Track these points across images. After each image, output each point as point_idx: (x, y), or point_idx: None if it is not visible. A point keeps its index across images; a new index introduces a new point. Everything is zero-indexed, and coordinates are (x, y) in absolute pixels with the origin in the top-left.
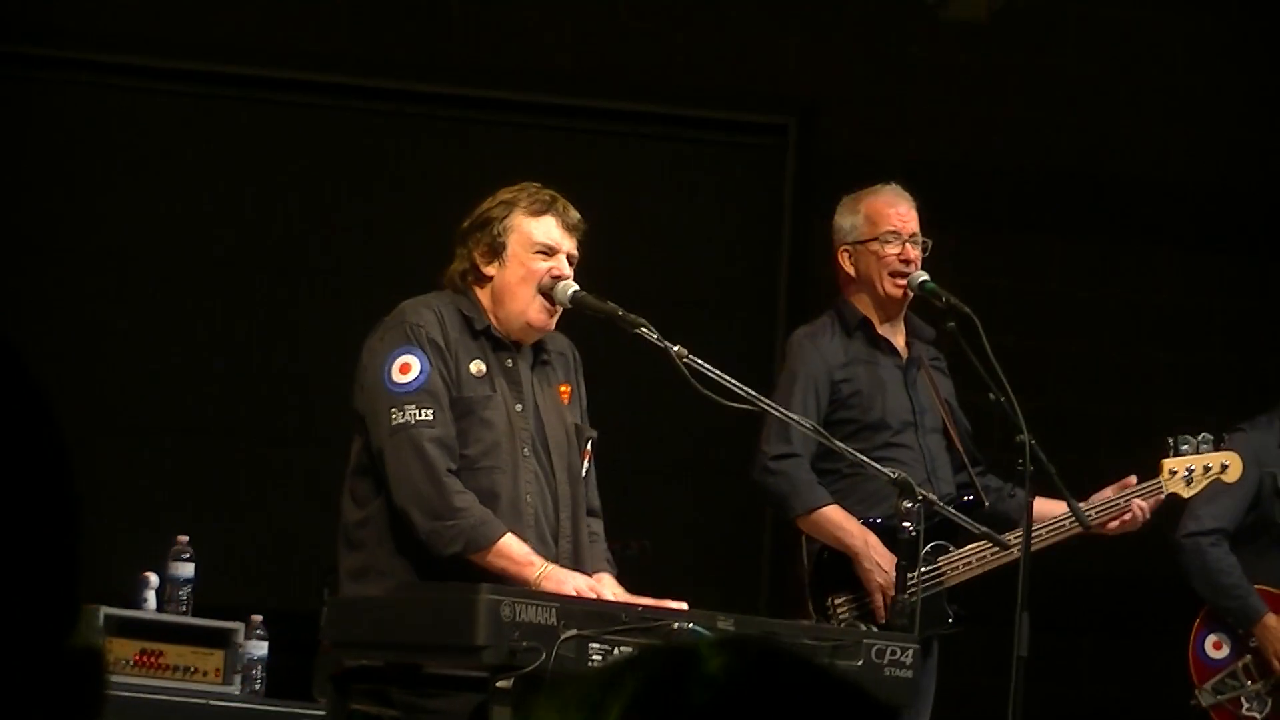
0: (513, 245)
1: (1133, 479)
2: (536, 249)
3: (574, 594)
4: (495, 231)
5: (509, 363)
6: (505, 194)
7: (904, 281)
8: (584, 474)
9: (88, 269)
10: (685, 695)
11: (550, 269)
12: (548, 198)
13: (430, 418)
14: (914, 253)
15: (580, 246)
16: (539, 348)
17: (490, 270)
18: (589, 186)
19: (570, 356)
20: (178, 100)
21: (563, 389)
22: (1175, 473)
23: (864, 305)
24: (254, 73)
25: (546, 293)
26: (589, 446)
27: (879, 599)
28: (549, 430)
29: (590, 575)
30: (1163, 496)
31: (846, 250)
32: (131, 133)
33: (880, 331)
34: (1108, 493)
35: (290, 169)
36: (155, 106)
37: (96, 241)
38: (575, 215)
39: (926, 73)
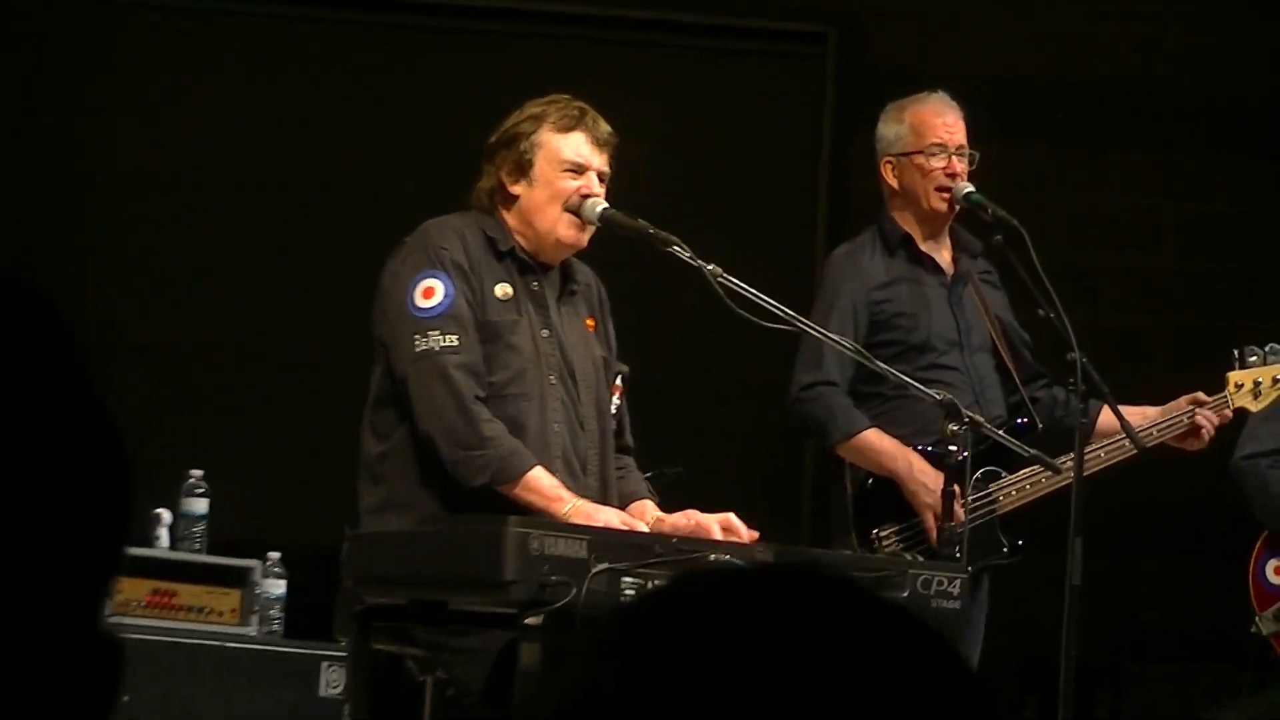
0: (540, 163)
1: (1200, 395)
2: (565, 167)
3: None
4: (522, 148)
5: (535, 285)
6: (533, 108)
7: (949, 195)
8: (614, 411)
9: (99, 191)
10: (743, 619)
11: (579, 188)
12: (576, 111)
13: (456, 343)
14: (960, 166)
15: (612, 162)
16: (566, 276)
17: (517, 189)
18: (615, 100)
19: (596, 290)
20: (182, 16)
21: (589, 322)
22: (1242, 386)
23: (907, 221)
24: None
25: (574, 211)
26: (619, 382)
27: (929, 518)
28: (576, 361)
29: (625, 505)
30: (1229, 412)
31: (890, 162)
32: (137, 52)
33: (923, 248)
34: (1175, 404)
35: (308, 87)
36: (158, 24)
37: (110, 163)
38: (606, 129)
39: None
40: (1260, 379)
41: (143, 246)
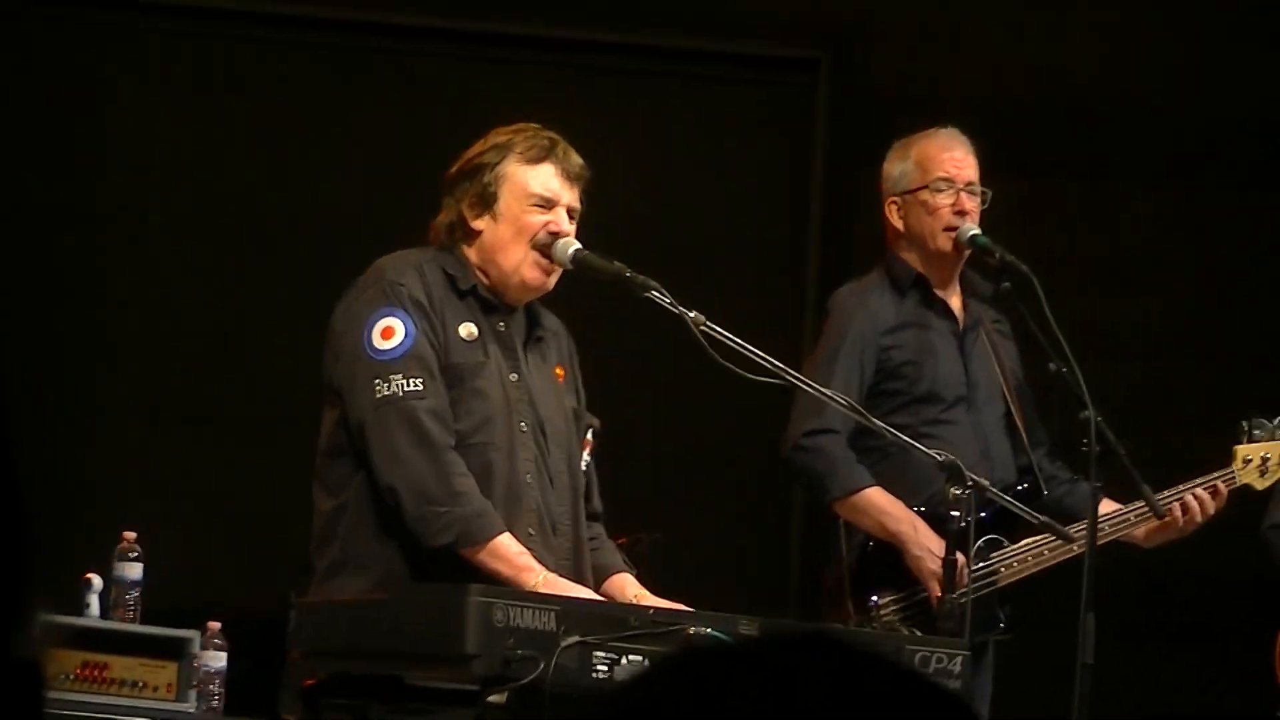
0: (505, 196)
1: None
2: (532, 201)
3: None
4: (485, 180)
5: (501, 326)
6: (498, 136)
7: (955, 235)
8: (585, 467)
9: (21, 226)
10: (747, 693)
11: (547, 224)
12: (546, 142)
13: (420, 387)
14: (970, 203)
15: (583, 198)
16: (533, 322)
17: (480, 224)
18: (592, 131)
19: (565, 339)
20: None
21: (558, 371)
22: (1249, 461)
23: (915, 263)
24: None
25: (543, 249)
26: (589, 436)
27: (934, 587)
28: (545, 412)
29: (602, 579)
30: (1224, 491)
31: (895, 202)
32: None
33: (935, 292)
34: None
35: (248, 112)
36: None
37: (45, 198)
38: (578, 161)
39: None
40: (1268, 454)
41: (77, 303)
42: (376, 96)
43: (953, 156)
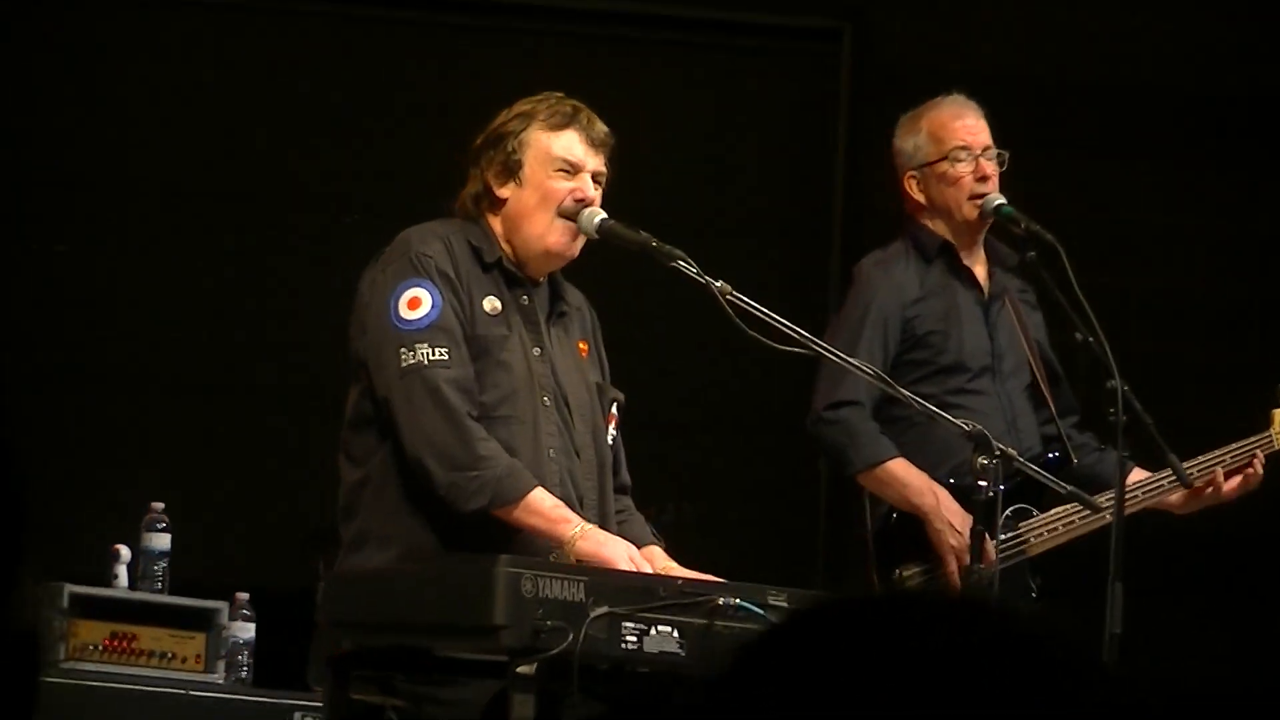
0: (530, 163)
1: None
2: (557, 166)
3: (612, 560)
4: (510, 148)
5: (525, 300)
6: (522, 105)
7: (980, 203)
8: (610, 442)
9: (46, 197)
10: (889, 647)
11: (572, 190)
12: (569, 109)
13: (445, 356)
14: (990, 168)
15: (609, 165)
16: (556, 296)
17: (505, 192)
18: (614, 102)
19: (588, 314)
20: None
21: (582, 345)
22: None
23: (940, 231)
24: None
25: (569, 216)
26: (614, 410)
27: (952, 564)
28: (569, 386)
29: None
30: (1269, 452)
31: (913, 176)
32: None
33: (962, 260)
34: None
35: (271, 87)
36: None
37: (63, 168)
38: (602, 129)
39: None
40: None
41: (103, 272)
42: (395, 67)
43: (965, 124)
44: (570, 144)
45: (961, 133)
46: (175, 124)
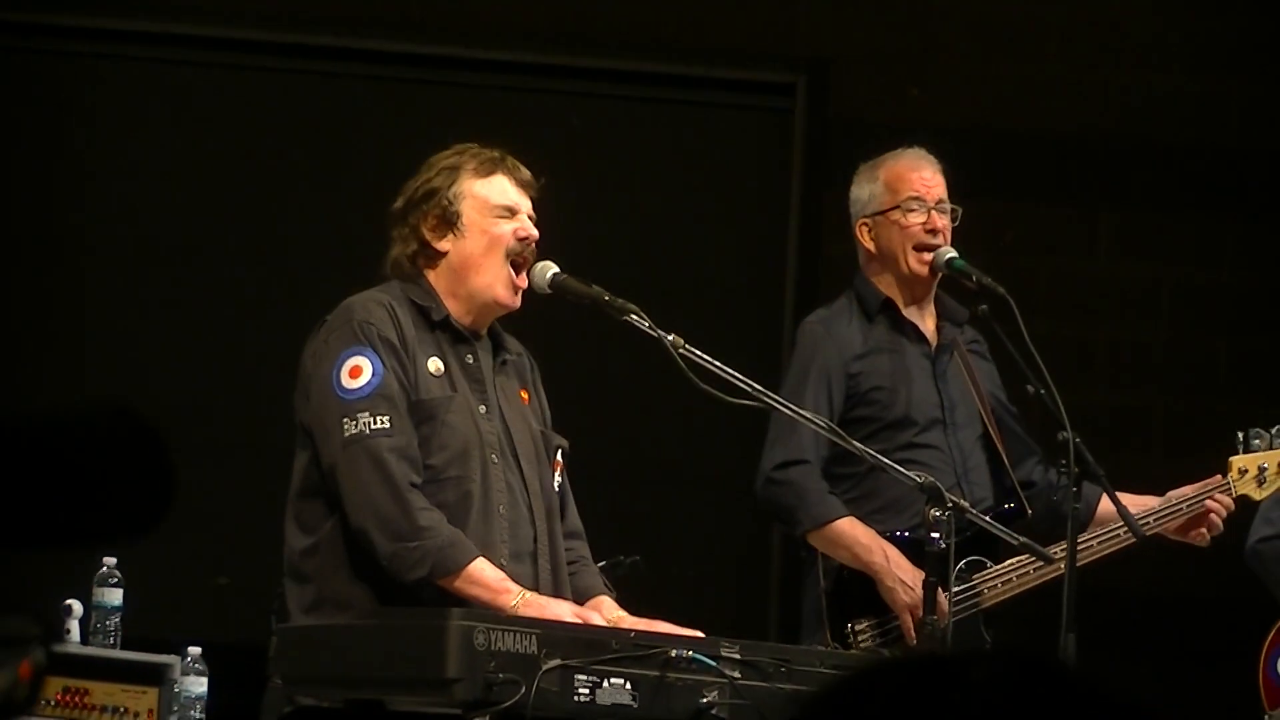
0: (468, 212)
1: (1218, 478)
2: (497, 212)
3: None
4: (445, 201)
5: (469, 358)
6: (444, 159)
7: (930, 257)
8: (556, 489)
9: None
10: (948, 705)
11: (515, 230)
12: (495, 155)
13: (387, 425)
14: (941, 221)
15: (536, 206)
16: (498, 346)
17: (444, 245)
18: (570, 155)
19: (527, 361)
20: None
21: (523, 394)
22: (1245, 471)
23: (887, 285)
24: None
25: (516, 257)
26: (559, 457)
27: (907, 620)
28: (516, 437)
29: (582, 602)
30: (1230, 500)
31: (865, 224)
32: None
33: (905, 314)
34: (1178, 492)
35: (215, 138)
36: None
37: (32, 215)
38: (526, 172)
39: (953, 24)
40: (1265, 464)
41: (58, 325)
42: (352, 121)
43: (921, 176)
44: (504, 187)
45: (916, 183)
46: (140, 181)
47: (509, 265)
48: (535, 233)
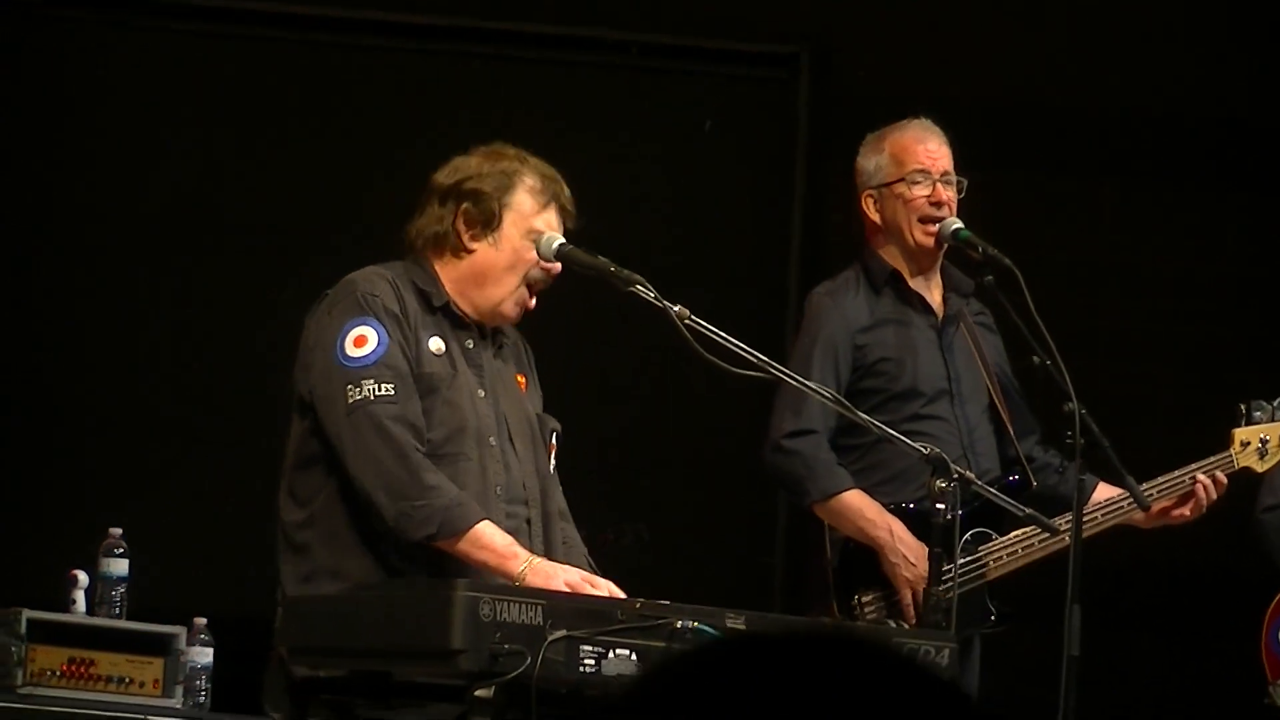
0: (509, 225)
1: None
2: (532, 236)
3: (565, 589)
4: (493, 206)
5: (469, 343)
6: (506, 162)
7: (935, 229)
8: (550, 472)
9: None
10: (752, 688)
11: (538, 262)
12: (555, 185)
13: (391, 392)
14: (946, 193)
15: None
16: (495, 331)
17: (475, 245)
18: (573, 128)
19: (523, 348)
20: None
21: (519, 379)
22: (1247, 444)
23: (893, 257)
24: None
25: (532, 285)
26: (554, 440)
27: (908, 596)
28: (513, 421)
29: None
30: (1224, 479)
31: (871, 195)
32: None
33: (912, 286)
34: (1179, 471)
35: (214, 116)
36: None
37: (28, 201)
38: (573, 210)
39: None
40: (1267, 436)
41: (64, 300)
42: (351, 93)
43: (927, 148)
44: (550, 219)
45: (922, 155)
46: (137, 159)
47: (524, 286)
48: (558, 270)
